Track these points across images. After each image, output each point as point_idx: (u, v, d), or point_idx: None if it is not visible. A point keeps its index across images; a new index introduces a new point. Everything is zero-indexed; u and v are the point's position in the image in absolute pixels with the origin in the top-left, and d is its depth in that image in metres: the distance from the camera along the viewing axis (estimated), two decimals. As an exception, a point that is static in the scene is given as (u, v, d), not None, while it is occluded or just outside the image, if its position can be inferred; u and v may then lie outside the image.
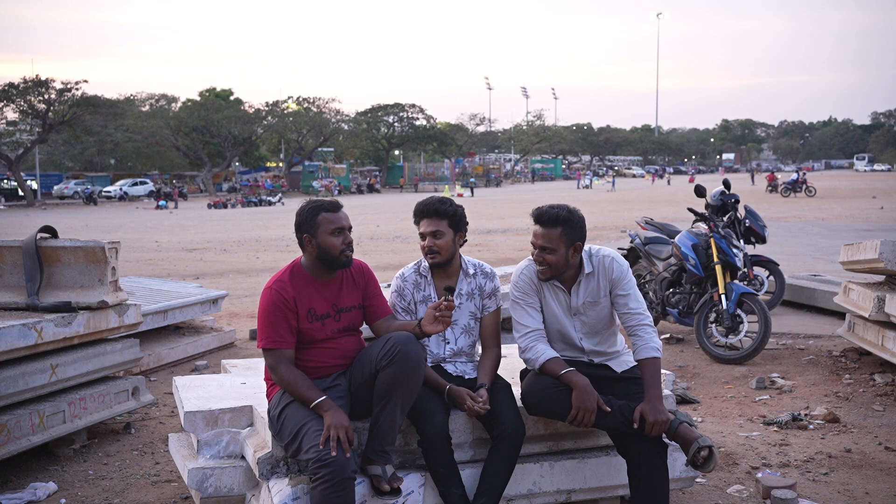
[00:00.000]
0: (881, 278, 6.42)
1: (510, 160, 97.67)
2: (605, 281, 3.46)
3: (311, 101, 66.68)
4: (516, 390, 3.51)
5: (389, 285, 3.70)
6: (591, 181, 64.51)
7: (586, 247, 3.47)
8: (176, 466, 4.08)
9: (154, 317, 6.51)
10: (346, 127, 68.42)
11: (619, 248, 7.65)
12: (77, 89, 48.43)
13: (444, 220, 3.48)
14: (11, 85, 47.58)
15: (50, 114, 48.69)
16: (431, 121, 75.38)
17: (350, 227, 3.31)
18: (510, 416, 3.29)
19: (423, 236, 3.52)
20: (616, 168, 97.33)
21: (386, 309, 3.47)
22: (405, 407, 3.16)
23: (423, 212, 3.52)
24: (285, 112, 65.04)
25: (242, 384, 4.02)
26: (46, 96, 48.20)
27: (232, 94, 73.04)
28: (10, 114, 50.70)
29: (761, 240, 8.85)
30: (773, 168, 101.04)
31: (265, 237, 21.55)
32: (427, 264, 3.56)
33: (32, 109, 48.92)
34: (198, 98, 69.44)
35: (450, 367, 3.56)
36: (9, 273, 4.62)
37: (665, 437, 3.25)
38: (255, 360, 4.61)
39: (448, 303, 3.19)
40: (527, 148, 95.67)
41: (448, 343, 3.59)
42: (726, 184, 8.25)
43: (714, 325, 6.82)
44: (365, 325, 3.46)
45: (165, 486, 4.16)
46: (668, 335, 7.60)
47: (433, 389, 3.34)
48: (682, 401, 5.51)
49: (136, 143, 60.10)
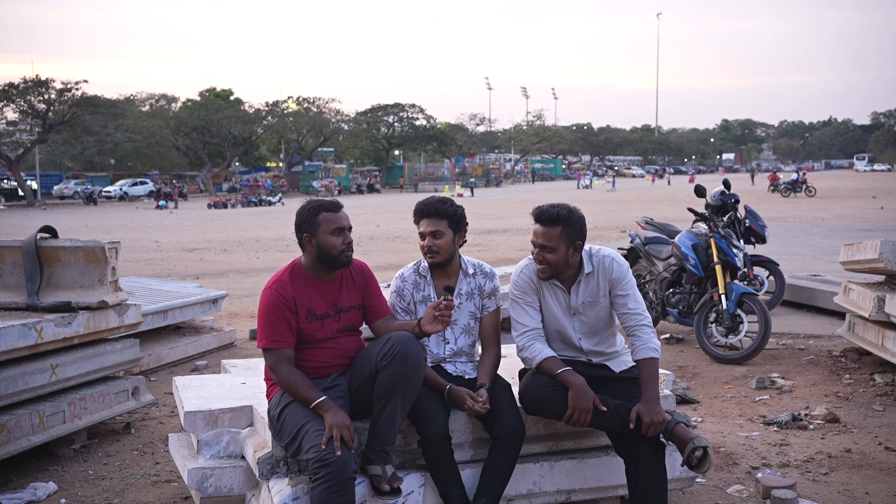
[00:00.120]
0: (881, 278, 6.42)
1: (510, 160, 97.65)
2: (605, 281, 3.46)
3: (311, 101, 66.69)
4: (516, 390, 3.51)
5: (389, 285, 3.70)
6: (591, 181, 64.52)
7: (586, 247, 3.47)
8: (176, 466, 4.08)
9: (154, 317, 6.52)
10: (346, 127, 68.42)
11: (619, 248, 7.64)
12: (77, 89, 48.49)
13: (443, 220, 3.48)
14: (11, 85, 47.59)
15: (50, 114, 48.69)
16: (431, 121, 75.38)
17: (350, 227, 3.31)
18: (510, 416, 3.29)
19: (422, 236, 3.52)
20: (616, 168, 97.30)
21: (385, 309, 3.47)
22: (405, 407, 3.17)
23: (423, 212, 3.52)
24: (285, 112, 65.05)
25: (242, 384, 4.02)
26: (46, 96, 48.21)
27: (232, 94, 73.07)
28: (10, 114, 50.79)
29: (761, 240, 8.85)
30: (773, 168, 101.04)
31: (265, 237, 21.55)
32: (426, 264, 3.56)
33: (32, 109, 48.93)
34: (198, 98, 69.44)
35: (450, 367, 3.57)
36: (9, 273, 4.62)
37: (662, 438, 3.26)
38: (255, 360, 4.61)
39: (447, 302, 3.20)
40: (527, 148, 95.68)
41: (448, 343, 3.59)
42: (726, 184, 8.25)
43: (714, 325, 6.82)
44: (365, 325, 3.46)
45: (165, 486, 4.15)
46: (668, 335, 7.60)
47: (433, 389, 3.34)
48: (682, 401, 5.51)
49: (136, 143, 60.11)
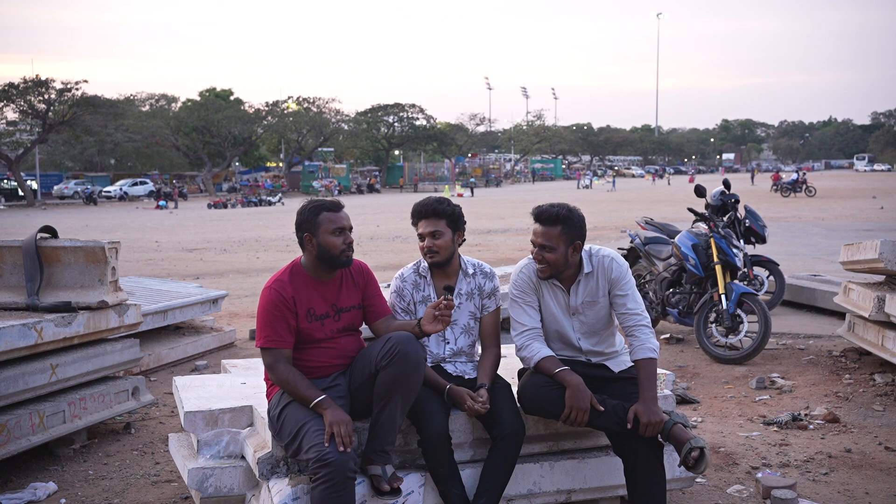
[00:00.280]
0: (881, 278, 6.42)
1: (510, 160, 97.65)
2: (605, 281, 3.46)
3: (311, 101, 66.70)
4: (516, 390, 3.51)
5: (389, 285, 3.70)
6: (591, 181, 64.52)
7: (586, 246, 3.47)
8: (176, 466, 4.08)
9: (154, 317, 6.52)
10: (346, 127, 68.43)
11: (619, 248, 7.65)
12: (77, 89, 48.49)
13: (442, 219, 3.48)
14: (11, 85, 47.59)
15: (50, 114, 48.69)
16: (431, 121, 75.40)
17: (351, 228, 3.31)
18: (510, 417, 3.29)
19: (421, 237, 3.52)
20: (616, 168, 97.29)
21: (385, 309, 3.47)
22: (405, 407, 3.16)
23: (421, 212, 3.52)
24: (285, 112, 65.05)
25: (242, 384, 4.02)
26: (46, 96, 48.22)
27: (232, 94, 73.01)
28: (10, 114, 50.80)
29: (761, 240, 8.85)
30: (773, 168, 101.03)
31: (265, 237, 21.55)
32: (426, 264, 3.56)
33: (32, 109, 48.93)
34: (198, 98, 69.41)
35: (449, 367, 3.56)
36: (9, 273, 4.62)
37: (660, 438, 3.26)
38: (255, 360, 4.61)
39: (447, 302, 3.20)
40: (527, 148, 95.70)
41: (448, 343, 3.59)
42: (726, 184, 8.26)
43: (714, 325, 6.82)
44: (365, 325, 3.46)
45: (165, 486, 4.15)
46: (668, 335, 7.60)
47: (433, 389, 3.34)
48: (682, 401, 5.51)
49: (136, 143, 60.09)
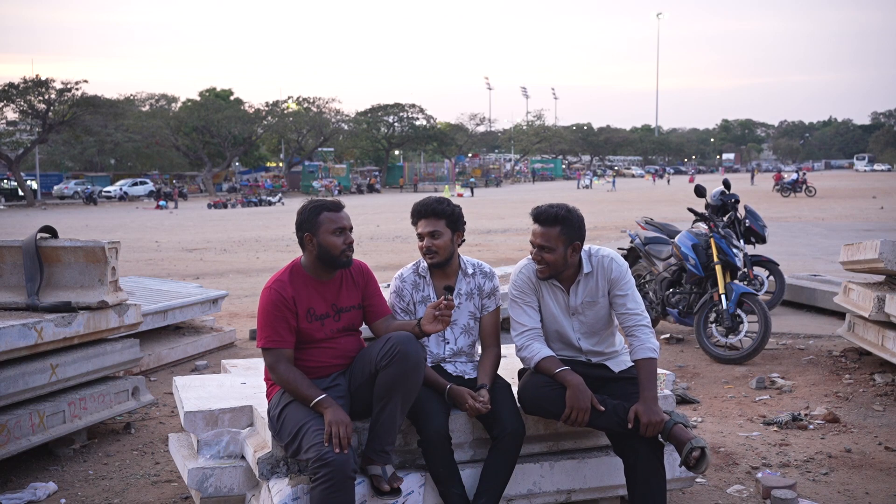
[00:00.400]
0: (881, 278, 6.42)
1: (510, 160, 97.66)
2: (604, 281, 3.46)
3: (311, 101, 66.69)
4: (516, 390, 3.51)
5: (389, 285, 3.70)
6: (591, 181, 64.52)
7: (585, 247, 3.47)
8: (176, 466, 4.08)
9: (154, 317, 6.52)
10: (346, 127, 68.43)
11: (619, 248, 7.65)
12: (77, 89, 48.49)
13: (441, 219, 3.48)
14: (11, 85, 47.59)
15: (50, 114, 48.69)
16: (431, 121, 75.40)
17: (351, 228, 3.31)
18: (510, 417, 3.29)
19: (420, 237, 3.52)
20: (616, 168, 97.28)
21: (385, 309, 3.47)
22: (405, 407, 3.16)
23: (421, 212, 3.52)
24: (285, 112, 65.04)
25: (242, 384, 4.02)
26: (46, 96, 48.21)
27: (232, 94, 73.03)
28: (10, 114, 50.80)
29: (761, 240, 8.85)
30: (773, 168, 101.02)
31: (265, 237, 21.55)
32: (426, 264, 3.56)
33: (32, 109, 48.93)
34: (198, 98, 69.42)
35: (449, 367, 3.56)
36: (9, 273, 4.62)
37: (660, 438, 3.26)
38: (255, 360, 4.61)
39: (447, 302, 3.20)
40: (527, 148, 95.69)
41: (448, 343, 3.59)
42: (726, 184, 8.26)
43: (714, 325, 6.82)
44: (365, 325, 3.46)
45: (165, 486, 4.15)
46: (668, 335, 7.60)
47: (433, 389, 3.34)
48: (682, 401, 5.51)
49: (136, 143, 60.09)
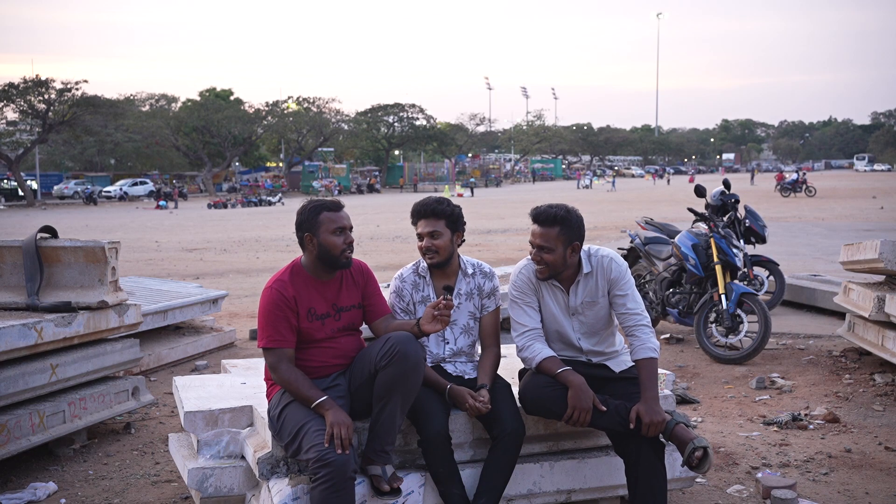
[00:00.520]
0: (881, 278, 6.42)
1: (510, 160, 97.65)
2: (604, 281, 3.46)
3: (311, 101, 66.69)
4: (516, 390, 3.51)
5: (389, 285, 3.70)
6: (591, 181, 64.53)
7: (585, 247, 3.47)
8: (176, 466, 4.08)
9: (154, 317, 6.52)
10: (346, 127, 68.42)
11: (619, 248, 7.65)
12: (77, 89, 48.48)
13: (441, 220, 3.48)
14: (11, 85, 47.58)
15: (50, 114, 48.68)
16: (431, 121, 75.39)
17: (351, 227, 3.31)
18: (510, 417, 3.29)
19: (420, 237, 3.52)
20: (616, 168, 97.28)
21: (385, 308, 3.47)
22: (405, 407, 3.17)
23: (421, 212, 3.52)
24: (285, 112, 65.04)
25: (242, 384, 4.02)
26: (46, 96, 48.20)
27: (232, 94, 73.03)
28: (10, 114, 50.79)
29: (761, 240, 8.85)
30: (773, 168, 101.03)
31: (265, 237, 21.55)
32: (425, 264, 3.56)
33: (32, 109, 48.92)
34: (198, 98, 69.44)
35: (449, 367, 3.56)
36: (9, 273, 4.62)
37: (661, 438, 3.26)
38: (255, 360, 4.62)
39: (446, 302, 3.20)
40: (527, 148, 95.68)
41: (447, 343, 3.59)
42: (726, 184, 8.26)
43: (714, 325, 6.82)
44: (365, 325, 3.46)
45: (165, 486, 4.16)
46: (668, 335, 7.60)
47: (434, 389, 3.34)
48: (682, 401, 5.51)
49: (136, 143, 60.08)
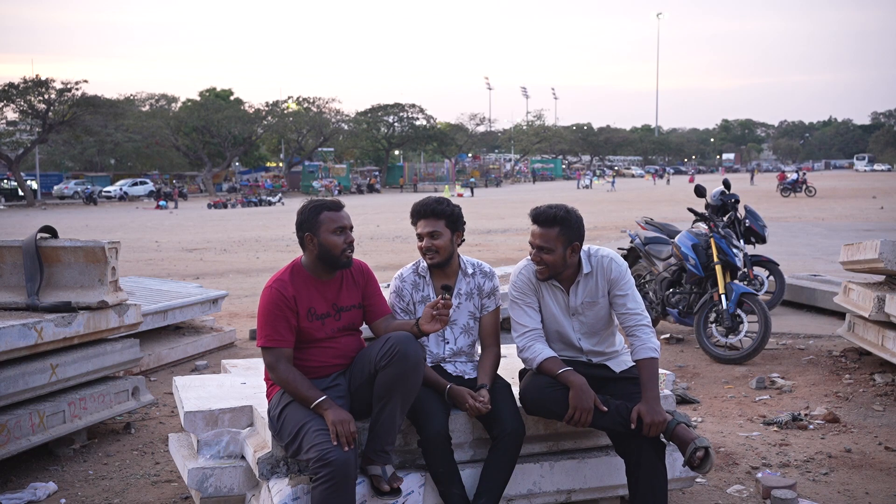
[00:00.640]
0: (881, 278, 6.42)
1: (510, 160, 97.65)
2: (604, 281, 3.46)
3: (311, 101, 66.69)
4: (516, 390, 3.51)
5: (389, 285, 3.70)
6: (591, 181, 64.53)
7: (585, 247, 3.47)
8: (176, 466, 4.08)
9: (154, 317, 6.52)
10: (346, 127, 68.41)
11: (619, 248, 7.65)
12: (77, 89, 48.47)
13: (441, 220, 3.47)
14: (11, 85, 47.58)
15: (50, 114, 48.67)
16: (431, 121, 75.38)
17: (351, 227, 3.31)
18: (510, 417, 3.29)
19: (420, 237, 3.51)
20: (616, 168, 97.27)
21: (385, 308, 3.47)
22: (405, 407, 3.17)
23: (420, 212, 3.51)
24: (285, 112, 65.04)
25: (242, 384, 4.02)
26: (46, 96, 48.20)
27: (232, 94, 73.02)
28: (10, 114, 50.78)
29: (761, 240, 8.85)
30: (773, 168, 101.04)
31: (265, 237, 21.55)
32: (425, 264, 3.56)
33: (32, 109, 48.92)
34: (198, 98, 69.44)
35: (449, 367, 3.56)
36: (9, 273, 4.62)
37: (662, 438, 3.25)
38: (255, 360, 4.61)
39: (445, 301, 3.20)
40: (527, 148, 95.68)
41: (447, 343, 3.59)
42: (726, 184, 8.26)
43: (714, 325, 6.82)
44: (365, 325, 3.46)
45: (165, 486, 4.16)
46: (668, 335, 7.60)
47: (434, 389, 3.34)
48: (682, 401, 5.51)
49: (136, 143, 60.08)
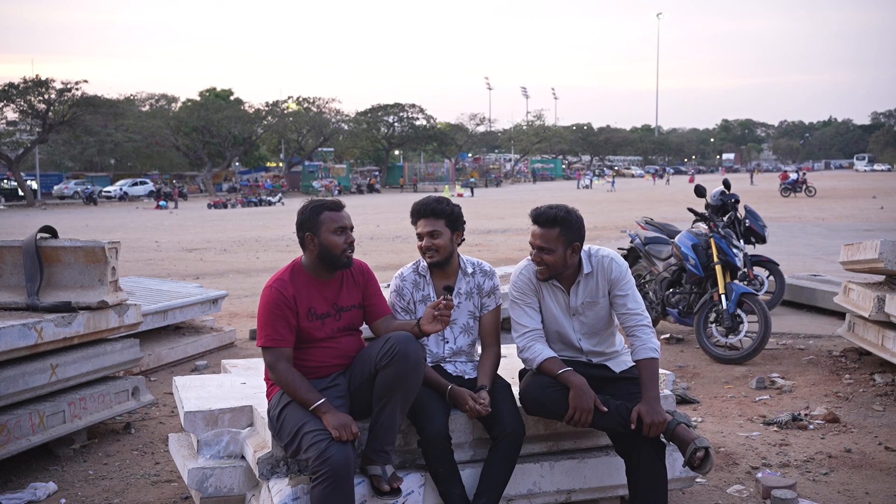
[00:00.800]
0: (881, 278, 6.42)
1: (510, 160, 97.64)
2: (604, 281, 3.46)
3: (311, 101, 66.69)
4: (516, 390, 3.51)
5: (389, 285, 3.70)
6: (592, 181, 64.54)
7: (585, 247, 3.47)
8: (176, 466, 4.08)
9: (154, 317, 6.52)
10: (346, 127, 68.41)
11: (619, 248, 7.65)
12: (77, 89, 48.46)
13: (441, 219, 3.47)
14: (11, 85, 47.57)
15: (50, 114, 48.67)
16: (431, 121, 75.37)
17: (352, 227, 3.31)
18: (510, 417, 3.29)
19: (420, 236, 3.51)
20: (616, 168, 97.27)
21: (385, 308, 3.47)
22: (405, 407, 3.17)
23: (420, 212, 3.51)
24: (285, 112, 65.05)
25: (242, 384, 4.02)
26: (46, 96, 48.19)
27: (232, 94, 73.01)
28: (10, 114, 50.79)
29: (761, 240, 8.85)
30: (774, 168, 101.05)
31: (265, 237, 21.55)
32: (426, 263, 3.56)
33: (32, 109, 48.92)
34: (198, 98, 69.45)
35: (449, 367, 3.56)
36: (9, 273, 4.62)
37: (662, 438, 3.25)
38: (255, 360, 4.61)
39: (447, 302, 3.19)
40: (527, 148, 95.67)
41: (447, 342, 3.59)
42: (726, 184, 8.26)
43: (714, 325, 6.82)
44: (365, 325, 3.46)
45: (165, 486, 4.16)
46: (668, 335, 7.60)
47: (434, 389, 3.34)
48: (682, 401, 5.51)
49: (136, 143, 60.11)
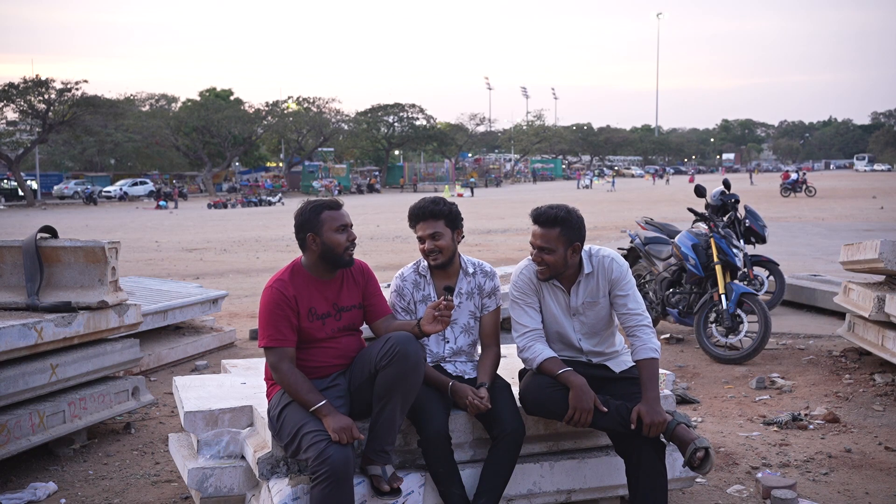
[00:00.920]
0: (881, 278, 6.42)
1: (510, 160, 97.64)
2: (605, 281, 3.46)
3: (311, 101, 66.69)
4: (516, 390, 3.51)
5: (389, 285, 3.70)
6: (592, 181, 64.55)
7: (586, 247, 3.47)
8: (176, 466, 4.08)
9: (154, 317, 6.52)
10: (346, 127, 68.40)
11: (619, 248, 7.65)
12: (77, 89, 48.46)
13: (440, 220, 3.47)
14: (11, 85, 47.57)
15: (50, 114, 48.67)
16: (431, 121, 75.36)
17: (352, 225, 3.32)
18: (510, 417, 3.29)
19: (421, 240, 3.50)
20: (616, 168, 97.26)
21: (385, 308, 3.47)
22: (405, 407, 3.17)
23: (419, 215, 3.50)
24: (285, 112, 65.04)
25: (242, 384, 4.02)
26: (46, 96, 48.19)
27: (232, 94, 73.02)
28: (10, 114, 50.78)
29: (761, 240, 8.85)
30: (774, 168, 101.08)
31: (265, 237, 21.55)
32: (426, 264, 3.56)
33: (32, 109, 48.92)
34: (198, 98, 69.46)
35: (449, 367, 3.56)
36: (9, 273, 4.62)
37: (662, 438, 3.25)
38: (255, 360, 4.62)
39: (447, 302, 3.19)
40: (527, 148, 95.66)
41: (448, 342, 3.59)
42: (726, 184, 8.26)
43: (714, 325, 6.82)
44: (365, 325, 3.46)
45: (165, 486, 4.16)
46: (668, 335, 7.60)
47: (435, 387, 3.35)
48: (682, 401, 5.51)
49: (136, 143, 60.13)
